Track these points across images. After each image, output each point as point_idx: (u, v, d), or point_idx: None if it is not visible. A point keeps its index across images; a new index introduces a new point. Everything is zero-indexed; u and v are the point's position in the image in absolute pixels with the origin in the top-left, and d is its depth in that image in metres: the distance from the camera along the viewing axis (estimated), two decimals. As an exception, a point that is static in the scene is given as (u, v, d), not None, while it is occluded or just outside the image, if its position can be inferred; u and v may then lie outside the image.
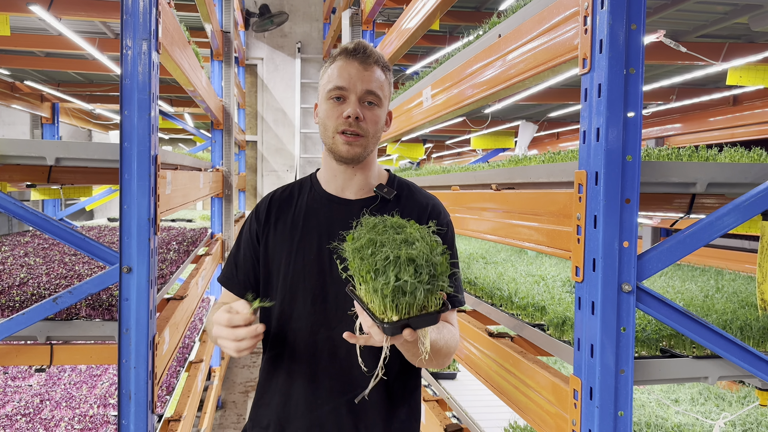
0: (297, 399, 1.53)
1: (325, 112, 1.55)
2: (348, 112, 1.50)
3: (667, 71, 3.41)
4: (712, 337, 1.44)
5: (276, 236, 1.59)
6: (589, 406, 1.40)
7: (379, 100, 1.54)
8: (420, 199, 1.64)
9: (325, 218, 1.58)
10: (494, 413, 2.75)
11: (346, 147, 1.51)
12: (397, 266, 1.16)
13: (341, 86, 1.51)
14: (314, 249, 1.54)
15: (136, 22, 1.85)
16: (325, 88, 1.55)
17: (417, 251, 1.18)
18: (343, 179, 1.60)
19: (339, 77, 1.52)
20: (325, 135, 1.56)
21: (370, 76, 1.53)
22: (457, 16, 4.40)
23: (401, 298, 1.16)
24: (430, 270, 1.18)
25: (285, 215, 1.61)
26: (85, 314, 2.01)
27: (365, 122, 1.52)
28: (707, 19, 2.37)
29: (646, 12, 1.36)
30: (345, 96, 1.52)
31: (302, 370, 1.53)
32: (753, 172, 1.51)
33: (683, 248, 1.42)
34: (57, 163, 1.96)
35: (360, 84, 1.51)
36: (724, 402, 2.35)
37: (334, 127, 1.52)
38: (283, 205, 1.64)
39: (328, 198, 1.61)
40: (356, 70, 1.52)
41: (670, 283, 2.30)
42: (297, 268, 1.54)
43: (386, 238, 1.23)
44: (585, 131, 1.39)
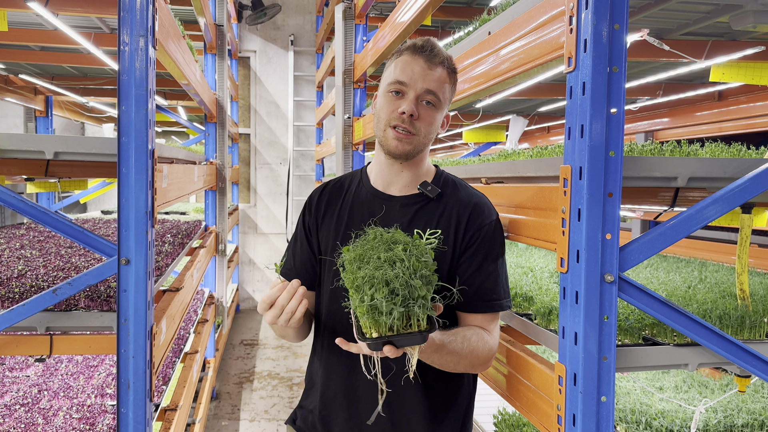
0: (336, 390, 1.57)
1: (381, 104, 1.54)
2: (403, 108, 1.49)
3: (653, 67, 3.47)
4: (691, 325, 1.49)
5: (324, 228, 1.62)
6: (573, 391, 1.46)
7: (438, 101, 1.53)
8: (463, 196, 1.61)
9: (370, 213, 1.58)
10: (484, 400, 2.82)
11: (395, 143, 1.51)
12: (373, 286, 1.18)
13: (402, 81, 1.50)
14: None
15: (133, 19, 1.88)
16: (386, 81, 1.54)
17: (393, 273, 1.19)
18: (390, 174, 1.60)
19: (401, 72, 1.51)
20: (377, 127, 1.56)
21: (433, 75, 1.51)
22: (448, 12, 4.44)
23: (379, 317, 1.18)
24: (406, 293, 1.18)
25: (333, 208, 1.63)
26: (84, 305, 2.05)
27: (419, 121, 1.50)
28: (690, 17, 2.42)
29: (629, 12, 1.41)
30: (404, 91, 1.51)
31: (342, 363, 1.55)
32: (732, 166, 1.56)
33: (664, 240, 1.48)
34: (55, 157, 1.99)
35: (421, 82, 1.50)
36: (707, 389, 2.42)
37: (387, 120, 1.52)
38: (333, 198, 1.65)
39: (373, 193, 1.61)
40: (420, 67, 1.50)
41: (654, 274, 2.37)
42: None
43: (373, 255, 1.24)
44: (570, 127, 1.44)
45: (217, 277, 5.62)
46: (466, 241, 1.54)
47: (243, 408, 5.14)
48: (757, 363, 1.53)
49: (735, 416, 2.13)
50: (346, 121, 4.68)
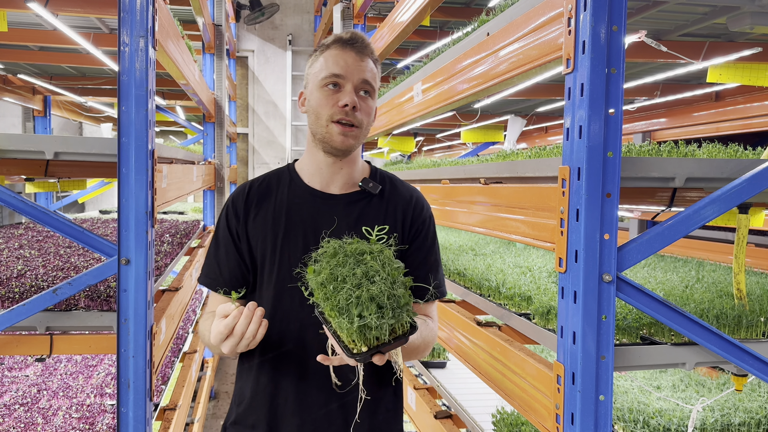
0: (286, 398, 1.51)
1: (318, 100, 1.49)
2: (345, 101, 1.45)
3: (651, 68, 3.49)
4: (689, 325, 1.51)
5: (256, 232, 1.54)
6: (571, 390, 1.47)
7: (373, 90, 1.52)
8: (404, 192, 1.62)
9: (309, 214, 1.53)
10: (483, 400, 2.83)
11: (341, 137, 1.47)
12: (360, 305, 1.17)
13: (338, 74, 1.47)
14: (300, 247, 1.50)
15: (133, 19, 1.89)
16: (318, 76, 1.50)
17: (377, 289, 1.18)
18: (329, 173, 1.55)
19: (335, 65, 1.48)
20: (316, 124, 1.50)
21: (366, 66, 1.50)
22: (447, 12, 4.44)
23: (368, 332, 1.18)
24: (393, 304, 1.19)
25: (264, 210, 1.55)
26: (84, 305, 2.06)
27: (360, 112, 1.48)
28: (688, 19, 2.44)
29: (627, 13, 1.42)
30: (341, 84, 1.48)
31: (292, 369, 1.50)
32: (729, 167, 1.58)
33: (662, 240, 1.49)
34: (55, 158, 2.00)
35: (357, 73, 1.48)
36: (704, 388, 2.43)
37: (329, 115, 1.47)
38: (262, 199, 1.56)
39: (311, 193, 1.56)
40: (352, 59, 1.49)
41: (652, 274, 2.38)
42: (283, 267, 1.50)
43: (347, 272, 1.22)
44: (568, 128, 1.45)
45: (215, 276, 5.61)
46: (411, 235, 1.56)
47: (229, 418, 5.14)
48: (753, 362, 1.54)
49: (732, 415, 2.14)
50: (345, 121, 4.68)
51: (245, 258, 1.54)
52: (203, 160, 5.14)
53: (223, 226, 1.57)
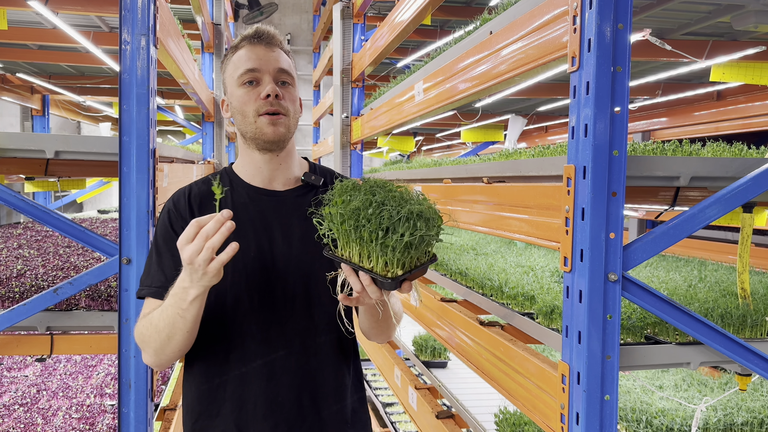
0: (255, 401, 1.45)
1: (239, 98, 1.47)
2: (267, 90, 1.44)
3: (654, 67, 3.48)
4: (694, 324, 1.50)
5: None
6: (576, 390, 1.46)
7: (292, 79, 1.51)
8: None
9: (258, 213, 1.50)
10: (485, 400, 2.83)
11: (271, 128, 1.45)
12: (408, 221, 1.18)
13: (253, 68, 1.46)
14: (253, 246, 1.46)
15: (134, 18, 1.88)
16: (234, 75, 1.48)
17: (423, 206, 1.21)
18: (269, 170, 1.52)
19: (248, 60, 1.47)
20: (244, 123, 1.48)
21: (279, 56, 1.50)
22: (448, 11, 4.44)
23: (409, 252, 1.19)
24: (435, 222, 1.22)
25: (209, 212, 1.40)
26: (85, 305, 2.05)
27: (285, 100, 1.47)
28: (692, 17, 2.43)
29: (632, 12, 1.41)
30: (258, 78, 1.47)
31: (257, 371, 1.45)
32: (734, 166, 1.57)
33: (667, 239, 1.48)
34: (56, 157, 1.99)
35: (271, 63, 1.47)
36: (706, 388, 2.43)
37: (254, 110, 1.45)
38: (205, 202, 1.50)
39: (255, 191, 1.52)
40: (263, 51, 1.48)
41: (655, 273, 2.37)
42: (237, 268, 1.44)
43: (382, 197, 1.22)
44: (573, 127, 1.44)
45: (214, 276, 5.60)
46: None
47: None
48: (758, 361, 1.53)
49: (735, 414, 2.14)
50: (344, 120, 4.68)
51: None
52: (202, 160, 5.13)
53: (165, 231, 1.48)
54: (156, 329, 1.35)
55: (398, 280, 1.19)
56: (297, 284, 1.47)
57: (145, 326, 1.39)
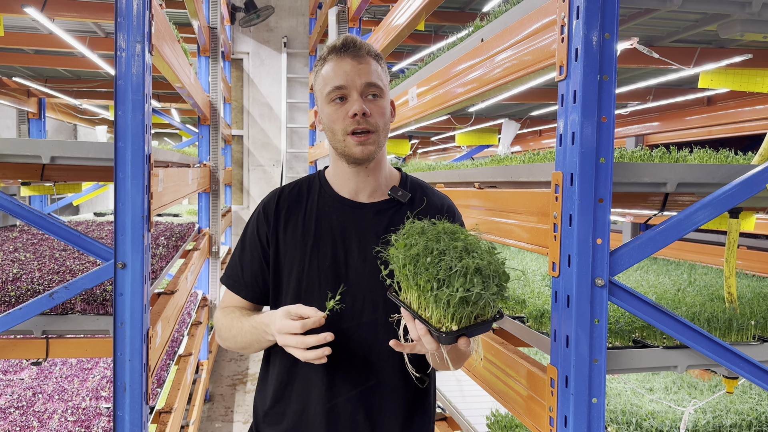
0: (315, 408, 1.48)
1: (329, 116, 1.48)
2: (354, 110, 1.43)
3: (644, 73, 3.52)
4: (680, 328, 1.52)
5: (287, 239, 1.53)
6: (564, 393, 1.48)
7: (381, 90, 1.48)
8: (434, 200, 1.60)
9: (339, 223, 1.52)
10: (478, 403, 2.85)
11: (359, 148, 1.45)
12: (464, 276, 1.13)
13: (340, 85, 1.45)
14: (329, 256, 1.49)
15: (129, 25, 1.89)
16: (324, 92, 1.48)
17: (484, 261, 1.15)
18: (356, 182, 1.53)
19: (335, 76, 1.46)
20: (334, 140, 1.49)
21: (367, 69, 1.47)
22: (442, 16, 4.47)
23: (464, 308, 1.13)
24: (496, 280, 1.16)
25: (295, 217, 1.54)
26: (80, 309, 2.06)
27: (372, 117, 1.45)
28: (679, 26, 2.47)
29: (620, 20, 1.44)
30: (346, 95, 1.46)
31: (317, 379, 1.48)
32: (720, 172, 1.60)
33: (654, 245, 1.51)
34: (52, 162, 2.01)
35: (358, 78, 1.45)
36: (696, 390, 2.46)
37: (342, 129, 1.45)
38: (293, 206, 1.56)
39: (340, 201, 1.54)
40: (350, 65, 1.46)
41: (645, 277, 2.40)
42: (311, 275, 1.48)
43: (445, 246, 1.19)
44: (561, 135, 1.47)
45: (210, 279, 5.62)
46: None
47: (236, 410, 5.15)
48: (744, 365, 1.56)
49: (723, 417, 2.16)
50: (340, 123, 4.69)
51: (270, 264, 1.54)
52: (198, 163, 5.14)
53: (252, 230, 1.58)
54: (233, 337, 1.52)
55: (453, 335, 1.15)
56: (366, 300, 1.47)
57: (225, 326, 1.54)
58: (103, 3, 3.37)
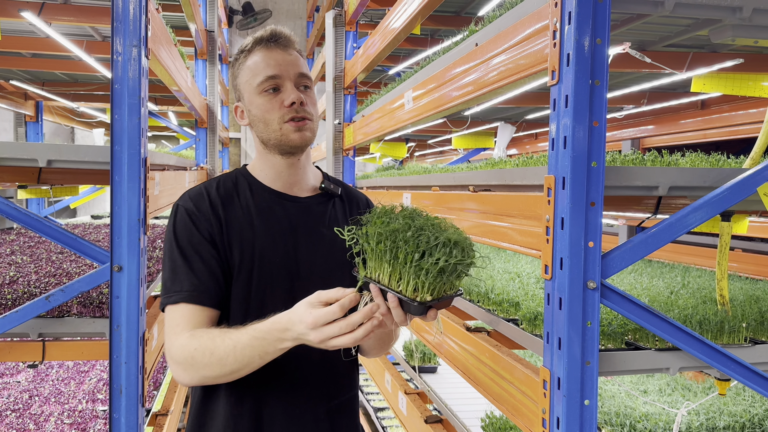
0: (273, 415, 1.43)
1: (261, 106, 1.44)
2: (292, 98, 1.42)
3: (637, 77, 3.54)
4: (671, 330, 1.54)
5: (231, 239, 1.43)
6: (557, 395, 1.49)
7: (311, 82, 1.49)
8: (359, 195, 1.63)
9: (284, 217, 1.48)
10: (472, 405, 2.86)
11: (298, 134, 1.43)
12: (445, 248, 1.21)
13: (273, 75, 1.43)
14: (279, 252, 1.45)
15: (126, 29, 1.91)
16: (253, 83, 1.45)
17: (461, 236, 1.26)
18: (290, 174, 1.51)
19: (267, 67, 1.44)
20: (267, 131, 1.45)
21: (297, 60, 1.47)
22: (437, 20, 4.49)
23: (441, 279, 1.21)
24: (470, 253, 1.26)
25: (231, 215, 1.45)
26: (76, 311, 2.07)
27: (308, 105, 1.46)
28: (672, 30, 2.49)
29: (612, 25, 1.45)
30: (280, 84, 1.44)
31: (280, 382, 1.43)
32: (711, 176, 1.61)
33: (646, 248, 1.52)
34: (48, 165, 2.01)
35: (291, 68, 1.45)
36: (689, 392, 2.47)
37: (278, 118, 1.43)
38: (227, 204, 1.47)
39: (278, 196, 1.51)
40: (281, 56, 1.45)
41: (638, 280, 2.42)
42: (263, 274, 1.42)
43: (422, 223, 1.27)
44: (554, 139, 1.48)
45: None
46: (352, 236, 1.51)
47: None
48: (735, 367, 1.57)
49: (717, 418, 2.18)
50: (337, 126, 4.71)
51: (223, 264, 1.42)
52: (195, 166, 5.15)
53: (189, 234, 1.42)
54: (219, 361, 1.28)
55: (425, 306, 1.21)
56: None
57: (201, 352, 1.30)
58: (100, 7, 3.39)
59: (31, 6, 3.08)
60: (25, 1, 3.20)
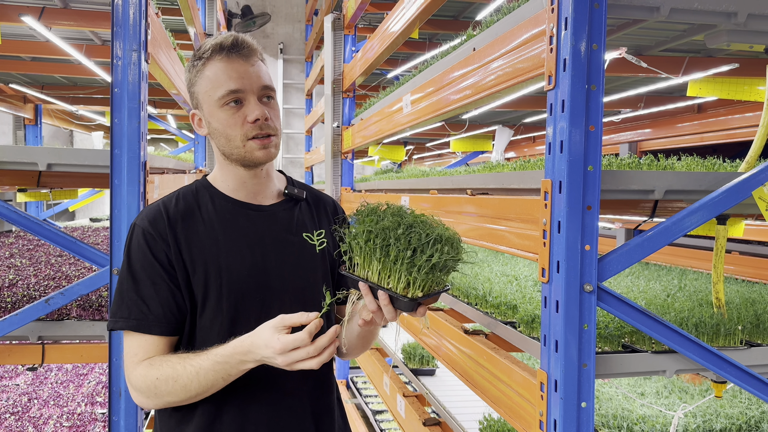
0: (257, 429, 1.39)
1: (223, 121, 1.37)
2: (256, 115, 1.35)
3: (634, 81, 3.57)
4: (667, 333, 1.55)
5: (192, 255, 1.37)
6: (554, 397, 1.50)
7: (274, 92, 1.43)
8: (325, 198, 1.60)
9: (250, 228, 1.43)
10: (471, 407, 2.86)
11: (262, 152, 1.38)
12: (438, 244, 1.24)
13: (235, 89, 1.36)
14: (247, 263, 1.39)
15: (126, 33, 1.92)
16: (214, 96, 1.37)
17: (451, 232, 1.29)
18: (254, 185, 1.46)
19: (229, 79, 1.36)
20: (230, 146, 1.39)
21: (259, 71, 1.40)
22: (436, 25, 4.51)
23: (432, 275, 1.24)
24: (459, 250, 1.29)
25: (194, 230, 1.39)
26: (76, 314, 2.08)
27: (271, 120, 1.39)
28: (668, 35, 2.52)
29: (609, 30, 1.47)
30: (242, 98, 1.37)
31: (257, 396, 1.38)
32: (707, 180, 1.62)
33: (641, 251, 1.53)
34: (48, 169, 2.02)
35: (254, 81, 1.38)
36: (687, 395, 2.48)
37: (242, 134, 1.37)
38: (187, 220, 1.40)
39: (242, 206, 1.45)
40: (243, 67, 1.37)
41: (636, 283, 2.43)
42: (232, 287, 1.37)
43: (411, 220, 1.29)
44: (550, 143, 1.49)
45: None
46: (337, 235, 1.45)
47: None
48: (731, 369, 1.58)
49: (714, 421, 2.18)
50: (335, 129, 4.73)
51: (178, 285, 1.36)
52: (194, 169, 5.16)
53: (142, 256, 1.35)
54: (183, 387, 1.28)
55: (416, 302, 1.24)
56: (294, 301, 1.41)
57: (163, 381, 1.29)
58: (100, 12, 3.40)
59: (32, 10, 3.09)
60: (25, 5, 3.22)
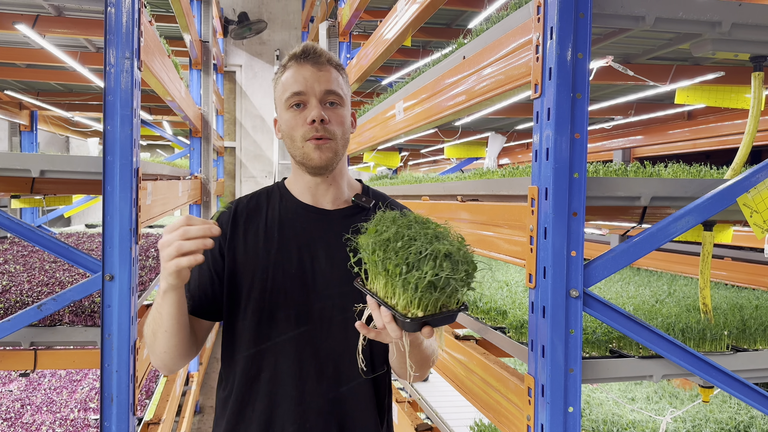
0: (283, 425, 1.42)
1: (288, 122, 1.45)
2: (313, 116, 1.41)
3: (623, 89, 3.60)
4: (653, 338, 1.56)
5: (247, 250, 1.47)
6: (541, 402, 1.52)
7: (340, 99, 1.47)
8: (396, 207, 1.59)
9: (303, 229, 1.49)
10: (463, 413, 2.87)
11: (317, 153, 1.43)
12: (434, 260, 1.13)
13: (299, 91, 1.43)
14: (294, 262, 1.45)
15: (119, 41, 1.94)
16: (283, 98, 1.46)
17: (454, 247, 1.16)
18: (318, 192, 1.52)
19: (294, 83, 1.44)
20: (293, 147, 1.46)
21: (327, 76, 1.45)
22: (428, 32, 4.54)
23: (432, 294, 1.12)
24: (465, 267, 1.15)
25: (255, 226, 1.50)
26: (68, 320, 2.09)
27: (331, 124, 1.44)
28: (654, 44, 2.54)
29: (596, 39, 1.49)
30: (305, 101, 1.44)
31: (287, 393, 1.43)
32: (693, 186, 1.64)
33: (627, 257, 1.55)
34: (41, 175, 2.03)
35: (318, 85, 1.44)
36: (677, 400, 2.49)
37: (301, 135, 1.43)
38: (252, 216, 1.51)
39: (304, 208, 1.51)
40: (310, 72, 1.44)
41: (625, 288, 2.45)
42: (276, 284, 1.43)
43: (415, 233, 1.19)
44: (537, 150, 1.51)
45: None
46: None
47: None
48: (717, 374, 1.60)
49: (702, 426, 2.20)
50: (330, 136, 4.74)
51: (223, 275, 1.46)
52: (189, 175, 5.17)
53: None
54: (148, 326, 1.40)
55: (418, 322, 1.13)
56: (335, 306, 1.43)
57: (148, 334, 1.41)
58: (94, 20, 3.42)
59: (26, 18, 3.11)
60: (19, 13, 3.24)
